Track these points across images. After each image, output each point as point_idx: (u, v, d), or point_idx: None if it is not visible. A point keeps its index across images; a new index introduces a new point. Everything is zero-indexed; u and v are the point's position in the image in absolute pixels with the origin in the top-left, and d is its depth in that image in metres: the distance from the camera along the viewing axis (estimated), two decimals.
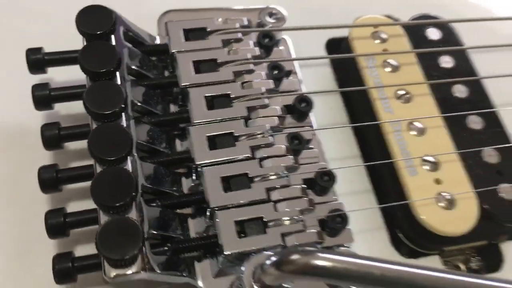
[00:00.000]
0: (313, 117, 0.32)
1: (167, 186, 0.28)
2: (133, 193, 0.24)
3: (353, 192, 0.32)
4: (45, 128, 0.28)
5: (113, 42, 0.28)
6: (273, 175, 0.28)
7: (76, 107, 0.30)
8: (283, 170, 0.28)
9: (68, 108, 0.31)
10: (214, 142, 0.28)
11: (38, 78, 0.30)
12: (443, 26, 0.37)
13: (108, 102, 0.26)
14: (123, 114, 0.27)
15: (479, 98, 0.34)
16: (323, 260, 0.22)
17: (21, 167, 0.29)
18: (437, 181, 0.30)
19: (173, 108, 0.31)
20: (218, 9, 0.34)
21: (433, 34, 0.36)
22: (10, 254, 0.28)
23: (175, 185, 0.29)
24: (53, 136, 0.28)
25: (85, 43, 0.28)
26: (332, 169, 0.29)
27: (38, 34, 0.32)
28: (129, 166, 0.26)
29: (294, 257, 0.22)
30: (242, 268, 0.25)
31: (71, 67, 0.30)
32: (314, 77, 0.36)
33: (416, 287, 0.22)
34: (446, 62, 0.35)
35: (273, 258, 0.23)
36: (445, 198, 0.30)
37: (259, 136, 0.29)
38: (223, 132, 0.28)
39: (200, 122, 0.28)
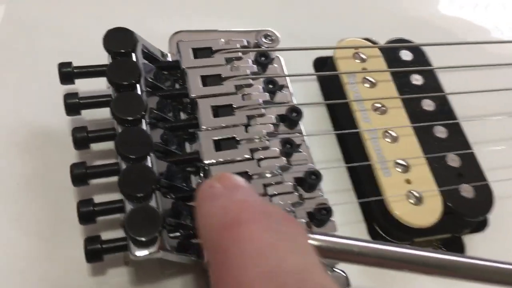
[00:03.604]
0: (302, 125, 0.37)
1: (179, 182, 0.33)
2: (153, 186, 0.29)
3: (336, 190, 0.37)
4: (75, 131, 0.32)
5: (134, 59, 0.33)
6: (269, 173, 0.33)
7: (99, 113, 0.35)
8: (277, 169, 0.33)
9: (92, 114, 0.35)
10: (219, 145, 0.33)
11: (66, 88, 0.35)
12: (415, 49, 0.42)
13: (131, 110, 0.31)
14: (143, 119, 0.31)
15: (444, 111, 0.39)
16: (313, 240, 0.27)
17: (53, 163, 0.34)
18: (408, 181, 0.35)
19: (182, 115, 0.36)
20: (221, 31, 0.39)
21: (406, 55, 0.42)
22: (43, 237, 0.32)
23: (185, 181, 0.34)
24: (82, 138, 0.32)
25: (110, 60, 0.33)
26: (319, 169, 0.34)
27: (68, 51, 0.37)
28: (149, 163, 0.30)
29: None
30: None
31: (94, 79, 0.34)
32: (303, 91, 0.40)
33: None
34: (416, 80, 0.41)
35: None
36: (414, 195, 0.35)
37: (257, 140, 0.34)
38: (227, 137, 0.33)
39: (207, 127, 0.33)
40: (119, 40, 0.33)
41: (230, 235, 0.22)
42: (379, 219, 0.36)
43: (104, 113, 0.34)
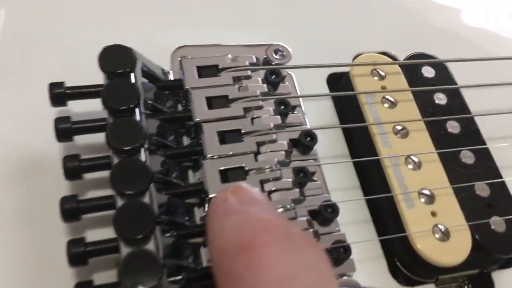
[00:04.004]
0: (316, 149, 0.34)
1: (181, 217, 0.30)
2: (153, 226, 0.26)
3: (353, 222, 0.33)
4: (66, 160, 0.29)
5: (133, 79, 0.30)
6: (281, 207, 0.30)
7: (94, 137, 0.32)
8: (290, 203, 0.30)
9: (86, 138, 0.32)
10: (226, 176, 0.30)
11: (58, 109, 0.31)
12: (437, 65, 0.39)
13: (129, 138, 0.27)
14: (142, 148, 0.28)
15: (471, 134, 0.36)
16: None
17: (41, 194, 0.30)
18: (433, 214, 0.32)
19: (185, 139, 0.33)
20: (227, 45, 0.36)
21: (428, 72, 0.38)
22: (27, 280, 0.29)
23: (187, 214, 0.30)
24: (74, 168, 0.29)
25: (106, 81, 0.30)
26: (336, 202, 0.31)
27: (61, 68, 0.34)
28: (147, 199, 0.27)
29: None
30: None
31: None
32: (316, 111, 0.37)
33: None
34: (440, 99, 0.37)
35: None
36: (441, 230, 0.32)
37: (267, 170, 0.30)
38: (235, 166, 0.30)
39: (213, 156, 0.30)
40: (116, 59, 0.30)
41: (244, 260, 0.20)
42: (401, 254, 0.32)
43: (100, 137, 0.31)
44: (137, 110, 0.29)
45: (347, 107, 0.37)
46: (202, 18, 0.40)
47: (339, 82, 0.39)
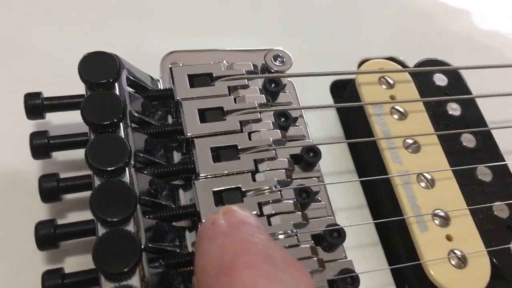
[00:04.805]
0: (320, 165, 0.31)
1: (170, 243, 0.27)
2: (138, 259, 0.23)
3: (360, 245, 0.31)
4: (43, 180, 0.26)
5: (117, 90, 0.27)
6: (282, 233, 0.27)
7: (74, 153, 0.29)
8: (292, 228, 0.27)
9: (66, 155, 0.29)
10: (221, 197, 0.27)
11: (36, 122, 0.29)
12: (451, 72, 0.36)
13: (112, 158, 0.24)
14: (126, 168, 0.25)
15: (487, 148, 0.33)
16: None
17: (16, 217, 0.28)
18: (448, 238, 0.29)
19: (176, 155, 0.30)
20: (222, 50, 0.33)
21: (440, 80, 0.35)
22: None
23: (177, 240, 0.27)
24: (51, 189, 0.26)
25: (87, 91, 0.27)
26: (342, 226, 0.28)
27: (39, 77, 0.31)
28: (132, 226, 0.24)
29: None
30: None
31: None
32: (319, 121, 0.34)
33: None
34: (454, 109, 0.34)
35: None
36: (457, 256, 0.29)
37: (267, 191, 0.27)
38: (230, 187, 0.27)
39: (206, 175, 0.27)
40: (99, 68, 0.27)
41: (225, 281, 0.20)
42: (413, 282, 0.30)
43: (83, 152, 0.28)
44: (121, 124, 0.26)
45: (353, 118, 0.34)
46: (195, 21, 0.37)
47: (343, 90, 0.36)
